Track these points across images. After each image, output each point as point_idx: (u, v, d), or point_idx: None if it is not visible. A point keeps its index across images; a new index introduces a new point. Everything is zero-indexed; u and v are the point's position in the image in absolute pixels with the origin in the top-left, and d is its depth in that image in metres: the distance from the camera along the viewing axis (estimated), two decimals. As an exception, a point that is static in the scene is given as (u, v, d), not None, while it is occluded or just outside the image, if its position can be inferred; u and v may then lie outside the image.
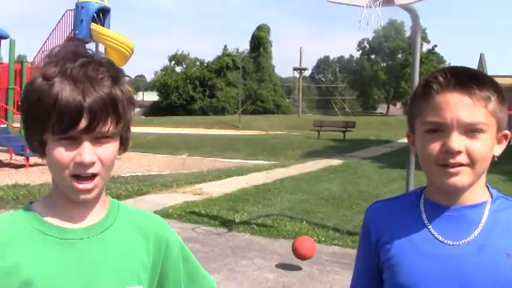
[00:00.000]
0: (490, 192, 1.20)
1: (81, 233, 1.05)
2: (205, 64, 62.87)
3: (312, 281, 4.97)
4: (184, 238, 6.29)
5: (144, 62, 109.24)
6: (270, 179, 11.48)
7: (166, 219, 6.54)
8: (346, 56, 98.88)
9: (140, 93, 78.57)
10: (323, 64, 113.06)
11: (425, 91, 1.15)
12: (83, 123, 0.97)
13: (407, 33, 53.60)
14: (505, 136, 1.18)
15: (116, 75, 1.04)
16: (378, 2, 5.25)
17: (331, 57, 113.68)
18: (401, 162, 13.53)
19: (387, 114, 55.13)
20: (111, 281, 1.05)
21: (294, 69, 53.69)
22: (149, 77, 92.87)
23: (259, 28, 62.98)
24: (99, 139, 1.00)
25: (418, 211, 1.21)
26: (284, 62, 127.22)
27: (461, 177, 1.11)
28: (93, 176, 1.02)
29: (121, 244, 1.08)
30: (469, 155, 1.10)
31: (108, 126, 1.00)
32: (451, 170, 1.11)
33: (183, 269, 1.18)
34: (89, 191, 1.02)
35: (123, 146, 1.09)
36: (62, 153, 0.99)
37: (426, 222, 1.19)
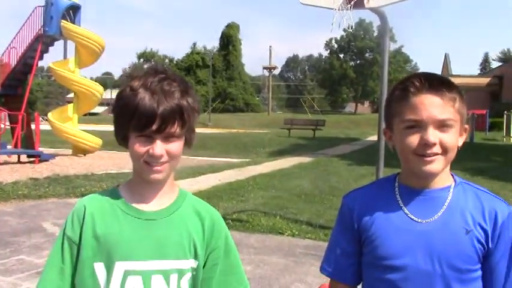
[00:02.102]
0: (453, 178, 1.44)
1: (153, 215, 1.35)
2: (175, 62, 62.67)
3: (288, 272, 5.18)
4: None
5: (112, 59, 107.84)
6: (242, 176, 11.66)
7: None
8: (316, 55, 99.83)
9: (108, 90, 77.62)
10: (292, 62, 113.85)
11: (403, 94, 1.37)
12: (155, 125, 1.26)
13: (375, 33, 54.53)
14: (465, 130, 1.42)
15: (185, 89, 1.32)
16: (349, 5, 5.49)
17: (300, 56, 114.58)
18: (369, 159, 13.92)
19: (355, 113, 55.98)
20: (173, 254, 1.33)
21: (264, 67, 54.01)
22: (117, 74, 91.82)
23: (229, 26, 63.07)
24: (168, 138, 1.29)
25: (393, 194, 1.43)
26: (254, 60, 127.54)
27: (436, 164, 1.34)
28: (162, 163, 1.31)
29: (183, 226, 1.36)
30: (442, 145, 1.33)
31: (175, 129, 1.28)
32: (427, 158, 1.33)
33: (224, 254, 1.41)
34: (159, 171, 1.30)
35: (188, 143, 1.38)
36: (139, 147, 1.29)
37: (401, 203, 1.41)
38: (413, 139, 1.34)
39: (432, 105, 1.32)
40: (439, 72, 44.91)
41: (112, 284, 1.28)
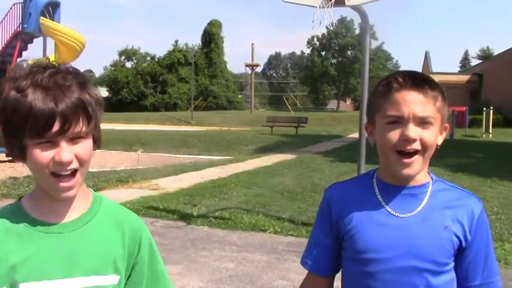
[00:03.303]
0: (430, 175, 1.48)
1: (62, 228, 1.19)
2: (157, 59, 62.22)
3: (270, 269, 5.18)
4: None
5: (93, 56, 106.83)
6: (225, 174, 11.64)
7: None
8: (298, 53, 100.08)
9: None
10: (275, 60, 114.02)
11: (386, 89, 1.38)
12: (57, 126, 1.09)
13: (357, 31, 54.85)
14: (445, 128, 1.45)
15: (83, 81, 1.16)
16: (330, 3, 5.50)
17: (282, 54, 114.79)
18: (351, 156, 13.98)
19: (337, 110, 56.24)
20: (88, 270, 1.18)
21: (246, 65, 53.90)
22: (98, 72, 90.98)
23: (211, 23, 62.78)
24: (74, 139, 1.12)
25: (372, 190, 1.46)
26: (236, 58, 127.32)
27: (413, 167, 1.37)
28: (73, 173, 1.14)
29: (99, 237, 1.22)
30: (422, 142, 1.35)
31: (81, 127, 1.12)
32: (406, 160, 1.35)
33: (148, 263, 1.29)
34: (70, 188, 1.14)
35: (96, 143, 1.20)
36: (41, 154, 1.11)
37: (380, 199, 1.44)
38: (394, 134, 1.35)
39: (414, 102, 1.34)
40: (419, 69, 45.22)
41: None
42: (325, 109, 65.75)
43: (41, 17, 15.51)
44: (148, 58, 63.74)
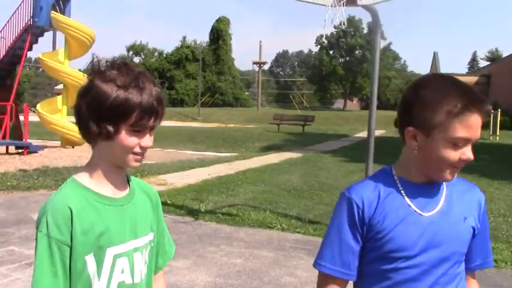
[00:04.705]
0: None
1: (122, 201, 1.46)
2: (164, 55, 62.30)
3: (278, 266, 5.23)
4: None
5: (101, 51, 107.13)
6: (232, 171, 11.70)
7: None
8: (305, 51, 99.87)
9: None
10: (282, 58, 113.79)
11: (459, 111, 1.40)
12: (152, 121, 1.38)
13: (365, 30, 54.60)
14: None
15: (155, 81, 1.41)
16: (342, 1, 5.52)
17: (290, 52, 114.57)
18: (358, 156, 14.01)
19: (344, 109, 56.10)
20: (144, 231, 1.50)
21: (254, 62, 53.87)
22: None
23: (219, 20, 62.75)
24: (151, 130, 1.41)
25: (397, 189, 1.51)
26: (243, 55, 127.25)
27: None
28: (144, 153, 1.45)
29: (141, 205, 1.52)
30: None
31: (159, 122, 1.41)
32: (455, 171, 1.48)
33: (161, 221, 1.62)
34: (140, 160, 1.44)
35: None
36: (131, 139, 1.38)
37: (406, 198, 1.50)
38: (456, 154, 1.44)
39: (478, 126, 1.42)
40: (428, 70, 44.74)
41: (104, 269, 1.38)
42: (331, 108, 65.61)
43: (52, 11, 15.59)
44: (156, 54, 63.84)
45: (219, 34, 61.66)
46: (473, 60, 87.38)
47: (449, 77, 1.50)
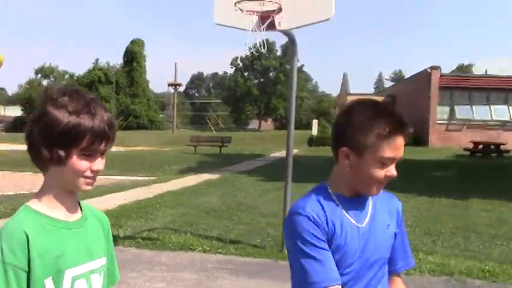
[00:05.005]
0: None
1: (76, 224, 1.50)
2: (76, 78, 60.40)
3: (201, 287, 5.26)
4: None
5: (5, 73, 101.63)
6: (150, 194, 11.55)
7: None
8: (220, 73, 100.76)
9: (1, 107, 72.77)
10: (197, 80, 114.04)
11: (387, 134, 1.57)
12: (103, 146, 1.44)
13: (278, 53, 56.18)
14: None
15: (107, 109, 1.47)
16: (262, 27, 5.75)
17: (205, 74, 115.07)
18: (274, 175, 14.34)
19: (259, 130, 57.08)
20: (98, 253, 1.54)
21: (169, 84, 53.63)
22: (11, 90, 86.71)
23: (134, 42, 61.99)
24: (103, 154, 1.47)
25: (336, 204, 1.67)
26: (158, 77, 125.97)
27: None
28: (96, 176, 1.49)
29: (93, 229, 1.56)
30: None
31: (110, 146, 1.46)
32: (381, 187, 1.67)
33: (111, 246, 1.65)
34: (92, 183, 1.48)
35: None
36: (82, 163, 1.42)
37: (344, 211, 1.67)
38: (382, 172, 1.62)
39: (402, 147, 1.62)
40: (338, 90, 46.46)
41: None
42: (247, 128, 66.47)
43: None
44: (67, 76, 61.70)
45: (133, 56, 60.85)
46: (379, 81, 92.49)
47: (378, 103, 1.69)
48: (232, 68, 61.18)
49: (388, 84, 70.51)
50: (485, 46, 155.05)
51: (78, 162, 1.41)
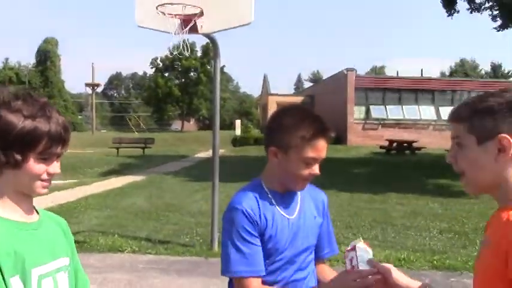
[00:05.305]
0: None
1: (36, 226, 1.51)
2: (-16, 78, 56.99)
3: (133, 287, 5.29)
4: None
5: None
6: (73, 197, 11.27)
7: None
8: (140, 73, 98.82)
9: None
10: (116, 80, 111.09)
11: (310, 137, 1.76)
12: (60, 149, 1.46)
13: (199, 53, 56.00)
14: None
15: (61, 113, 1.50)
16: (185, 30, 5.86)
17: (124, 74, 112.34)
18: (201, 175, 14.42)
19: (182, 131, 56.68)
20: (61, 253, 1.55)
21: (86, 84, 51.99)
22: None
23: (46, 41, 59.47)
24: (59, 157, 1.49)
25: (269, 198, 1.86)
26: (73, 77, 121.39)
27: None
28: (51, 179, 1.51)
29: (53, 231, 1.58)
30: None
31: (66, 149, 1.49)
32: (306, 183, 1.86)
33: (74, 249, 1.67)
34: (47, 186, 1.50)
35: None
36: (39, 166, 1.43)
37: (275, 205, 1.86)
38: (307, 171, 1.81)
39: (325, 148, 1.82)
40: (259, 91, 46.94)
41: None
42: (169, 129, 65.73)
43: None
44: (-27, 76, 58.00)
45: (46, 55, 58.35)
46: (299, 82, 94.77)
47: (305, 109, 1.91)
48: (152, 68, 60.24)
49: (307, 84, 72.47)
50: (397, 48, 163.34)
51: (35, 166, 1.42)
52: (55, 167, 1.47)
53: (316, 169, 1.82)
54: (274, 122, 1.87)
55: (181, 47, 5.90)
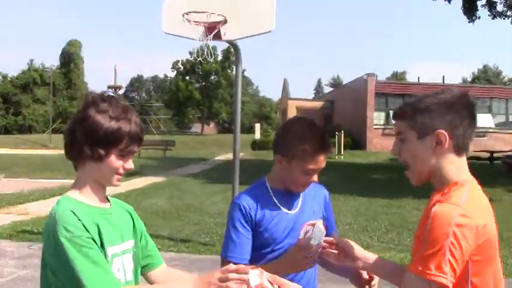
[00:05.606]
0: None
1: (109, 211, 1.73)
2: (9, 79, 58.09)
3: (157, 282, 5.53)
4: (20, 256, 6.34)
5: None
6: (97, 197, 11.59)
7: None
8: (161, 76, 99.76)
9: None
10: (137, 83, 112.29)
11: (312, 150, 1.99)
12: (137, 147, 1.68)
13: (220, 57, 56.41)
14: None
15: (138, 115, 1.72)
16: (209, 37, 6.11)
17: (145, 76, 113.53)
18: (220, 178, 14.68)
19: (202, 134, 57.11)
20: (128, 236, 1.76)
21: (109, 87, 52.62)
22: None
23: (70, 44, 60.46)
24: (133, 154, 1.71)
25: (270, 196, 2.12)
26: (96, 79, 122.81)
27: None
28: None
29: (123, 216, 1.79)
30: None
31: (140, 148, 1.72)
32: (306, 187, 2.11)
33: (144, 230, 1.88)
34: (120, 179, 1.71)
35: None
36: (118, 162, 1.65)
37: (276, 202, 2.12)
38: (308, 178, 2.05)
39: (324, 161, 2.05)
40: (279, 95, 46.96)
41: None
42: (189, 132, 66.22)
43: None
44: (0, 77, 59.23)
45: (70, 57, 59.33)
46: (319, 86, 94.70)
47: (312, 123, 2.10)
48: (173, 71, 60.81)
49: (327, 89, 72.49)
50: (418, 53, 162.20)
51: (115, 161, 1.63)
52: (130, 163, 1.68)
53: (315, 178, 2.06)
54: (283, 131, 2.12)
55: (205, 53, 6.12)
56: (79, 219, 1.54)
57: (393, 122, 1.70)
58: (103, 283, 1.49)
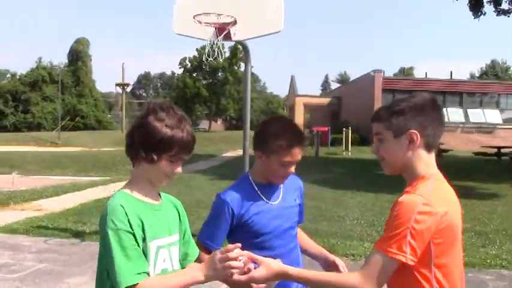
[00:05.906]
0: None
1: (159, 207, 1.90)
2: (18, 77, 58.53)
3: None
4: (38, 250, 6.54)
5: None
6: (108, 193, 11.78)
7: (13, 235, 6.83)
8: (168, 73, 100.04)
9: None
10: (144, 80, 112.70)
11: (287, 145, 2.22)
12: (186, 156, 1.85)
13: (227, 54, 56.55)
14: None
15: (191, 125, 1.88)
16: (219, 37, 6.27)
17: (152, 73, 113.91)
18: (228, 174, 14.83)
19: (209, 130, 57.31)
20: (175, 230, 1.94)
21: (117, 84, 52.94)
22: None
23: (78, 41, 60.82)
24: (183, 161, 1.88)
25: (254, 189, 2.35)
26: (103, 76, 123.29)
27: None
28: None
29: (170, 211, 1.97)
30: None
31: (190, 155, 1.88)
32: (284, 179, 2.36)
33: (188, 229, 2.06)
34: (170, 181, 1.89)
35: None
36: (170, 167, 1.83)
37: (260, 194, 2.35)
38: (286, 170, 2.29)
39: (300, 154, 2.30)
40: (286, 91, 47.05)
41: (150, 258, 1.77)
42: (196, 129, 66.44)
43: None
44: (8, 75, 59.68)
45: (78, 55, 59.69)
46: (326, 82, 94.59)
47: (287, 120, 2.38)
48: (180, 68, 60.94)
49: (334, 85, 72.44)
50: (426, 48, 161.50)
51: (165, 166, 1.80)
52: (179, 169, 1.85)
53: (292, 169, 2.29)
54: (261, 130, 2.34)
55: (216, 53, 6.28)
56: (126, 214, 1.72)
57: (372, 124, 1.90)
58: (128, 274, 1.66)
